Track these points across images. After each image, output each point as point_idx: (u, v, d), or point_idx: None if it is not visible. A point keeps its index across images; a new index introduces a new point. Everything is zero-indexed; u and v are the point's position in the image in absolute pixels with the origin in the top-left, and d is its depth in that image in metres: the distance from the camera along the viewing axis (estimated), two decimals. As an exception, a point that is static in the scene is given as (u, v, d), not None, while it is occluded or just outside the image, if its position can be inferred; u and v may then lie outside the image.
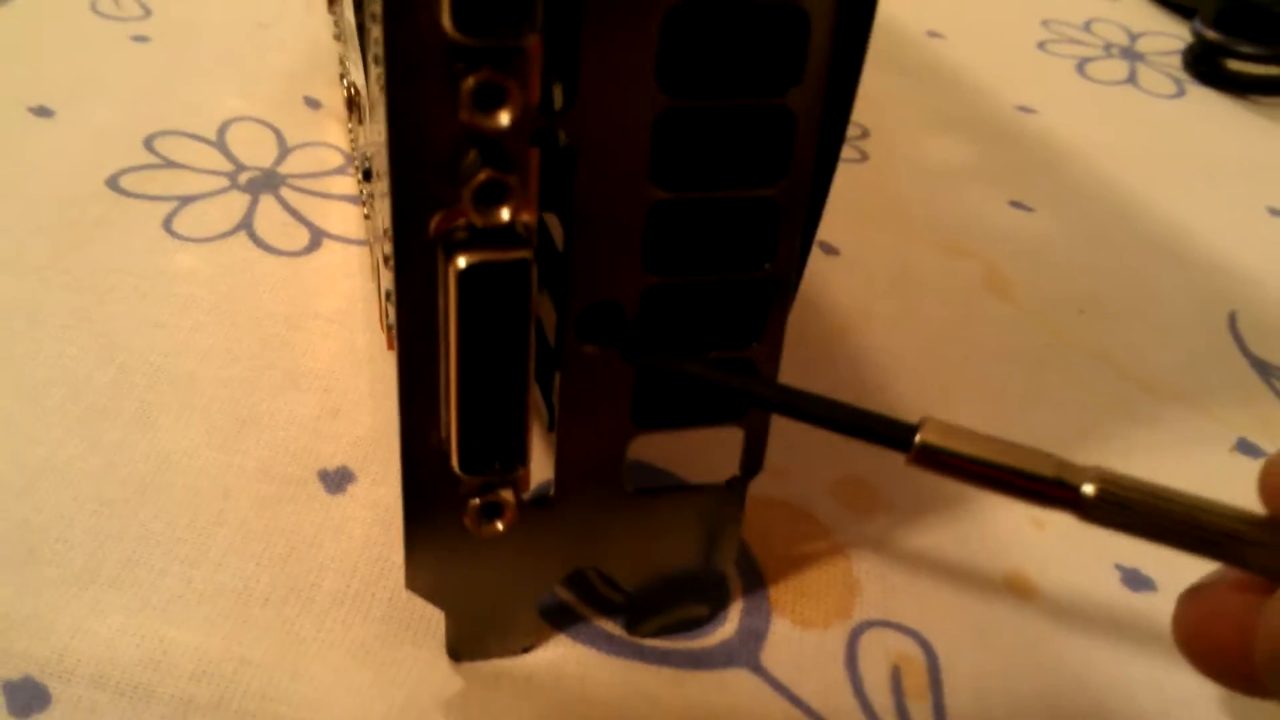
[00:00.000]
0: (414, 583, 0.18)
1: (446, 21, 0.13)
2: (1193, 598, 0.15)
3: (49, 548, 0.20)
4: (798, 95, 0.15)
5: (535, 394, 0.16)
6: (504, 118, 0.14)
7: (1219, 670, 0.15)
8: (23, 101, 0.32)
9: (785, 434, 0.19)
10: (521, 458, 0.16)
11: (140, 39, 0.36)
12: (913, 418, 0.25)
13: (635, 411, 0.17)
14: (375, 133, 0.19)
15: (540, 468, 0.17)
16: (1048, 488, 0.14)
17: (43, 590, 0.19)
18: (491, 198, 0.14)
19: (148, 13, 0.38)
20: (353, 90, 0.24)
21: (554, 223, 0.16)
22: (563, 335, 0.16)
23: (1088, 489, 0.14)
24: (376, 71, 0.16)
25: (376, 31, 0.14)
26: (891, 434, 0.15)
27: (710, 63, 0.15)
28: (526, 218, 0.15)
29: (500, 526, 0.17)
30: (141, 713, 0.17)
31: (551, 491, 0.18)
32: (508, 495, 0.17)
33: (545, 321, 0.17)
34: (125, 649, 0.18)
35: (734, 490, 0.19)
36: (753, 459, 0.18)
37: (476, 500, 0.17)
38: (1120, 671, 0.20)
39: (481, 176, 0.14)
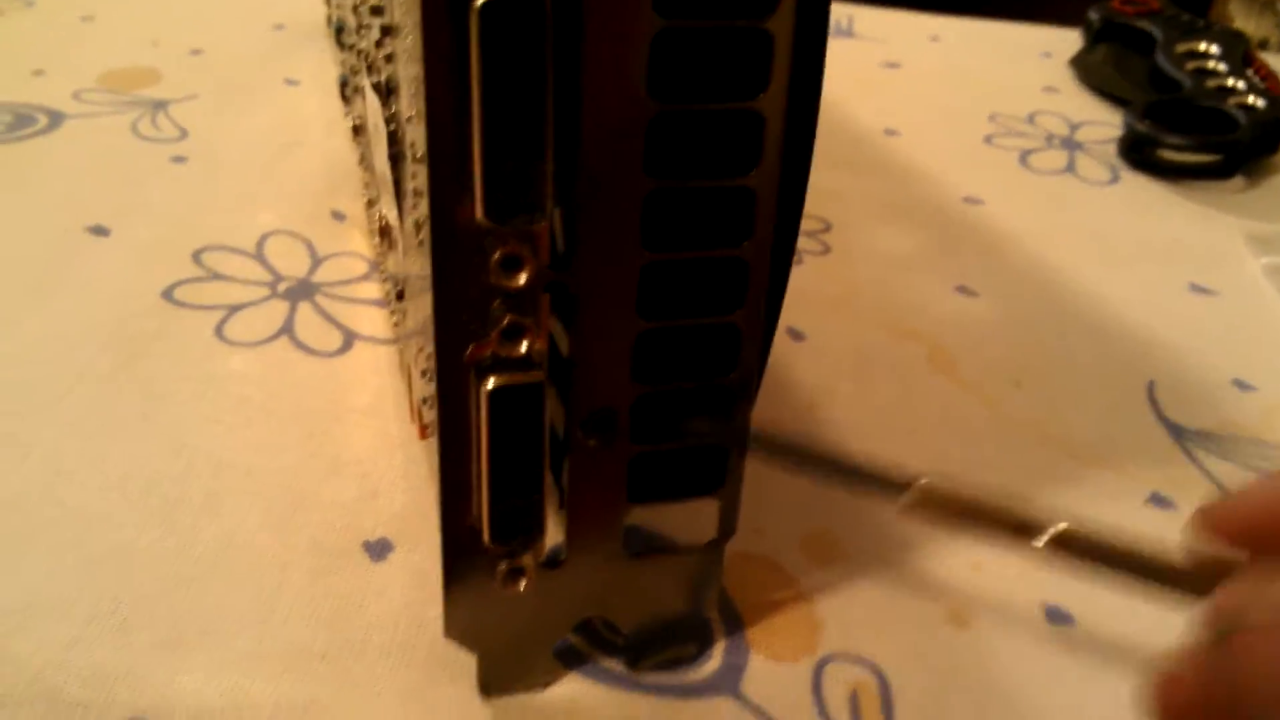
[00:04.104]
0: (451, 631, 0.22)
1: (479, 213, 0.17)
2: (1157, 678, 0.18)
3: (139, 618, 0.23)
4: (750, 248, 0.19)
5: (548, 478, 0.21)
6: (522, 278, 0.18)
7: None
8: (80, 221, 0.36)
9: (758, 496, 0.22)
10: (539, 531, 0.20)
11: (179, 159, 0.41)
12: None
13: (630, 489, 0.21)
14: (410, 264, 0.23)
15: (552, 536, 0.21)
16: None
17: (137, 652, 0.23)
18: (513, 335, 0.19)
19: (184, 134, 0.43)
20: (383, 221, 0.28)
21: (563, 337, 0.21)
22: (570, 432, 0.20)
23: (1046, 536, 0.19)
24: (419, 233, 0.20)
25: (423, 207, 0.18)
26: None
27: (683, 225, 0.19)
28: (539, 346, 0.19)
29: (522, 586, 0.21)
30: (231, 747, 0.21)
31: (563, 556, 0.22)
32: (528, 560, 0.21)
33: (556, 420, 0.21)
34: (211, 697, 0.22)
35: (713, 549, 0.23)
36: (727, 524, 0.22)
37: (503, 565, 0.21)
38: (1043, 692, 0.24)
39: (505, 321, 0.18)
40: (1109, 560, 0.20)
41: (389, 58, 0.24)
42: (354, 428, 0.29)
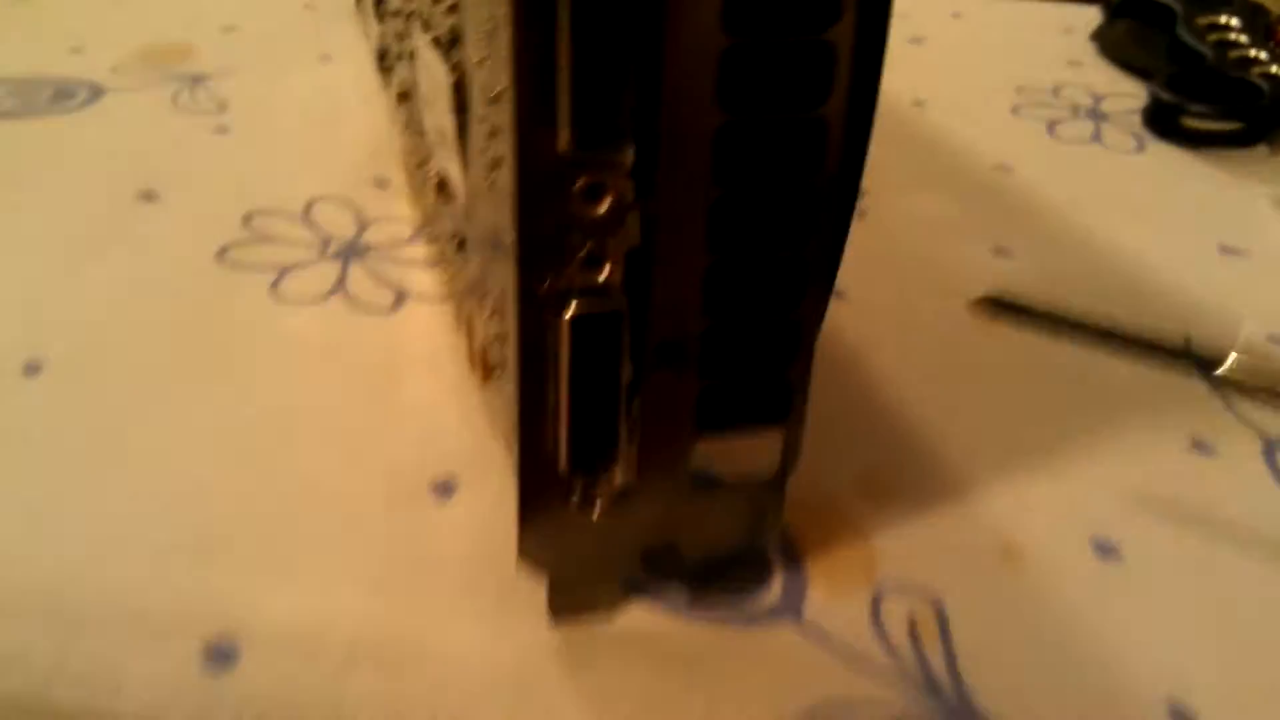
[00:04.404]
0: (524, 556, 0.22)
1: (565, 142, 0.18)
2: None
3: (219, 547, 0.24)
4: (819, 181, 0.20)
5: (621, 408, 0.21)
6: (603, 207, 0.19)
7: None
8: (130, 188, 0.37)
9: (810, 436, 0.23)
10: (614, 459, 0.21)
11: (221, 130, 0.41)
12: (926, 430, 0.30)
13: (698, 420, 0.22)
14: (477, 212, 0.24)
15: (622, 467, 0.22)
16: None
17: (219, 578, 0.23)
18: (593, 264, 0.19)
19: (223, 106, 0.43)
20: (440, 177, 0.29)
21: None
22: (641, 365, 0.21)
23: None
24: (491, 173, 0.21)
25: (501, 146, 0.19)
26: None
27: (748, 164, 0.20)
28: (617, 277, 0.20)
29: (595, 514, 0.22)
30: (315, 663, 0.22)
31: (632, 485, 0.22)
32: (602, 487, 0.22)
33: (627, 351, 0.22)
34: (292, 619, 0.23)
35: (776, 482, 0.23)
36: (791, 456, 0.23)
37: (578, 492, 0.21)
38: (1095, 619, 0.24)
39: (585, 250, 0.19)
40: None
41: (452, 8, 0.24)
42: (413, 378, 0.29)
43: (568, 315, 0.19)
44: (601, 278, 0.19)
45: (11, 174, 0.37)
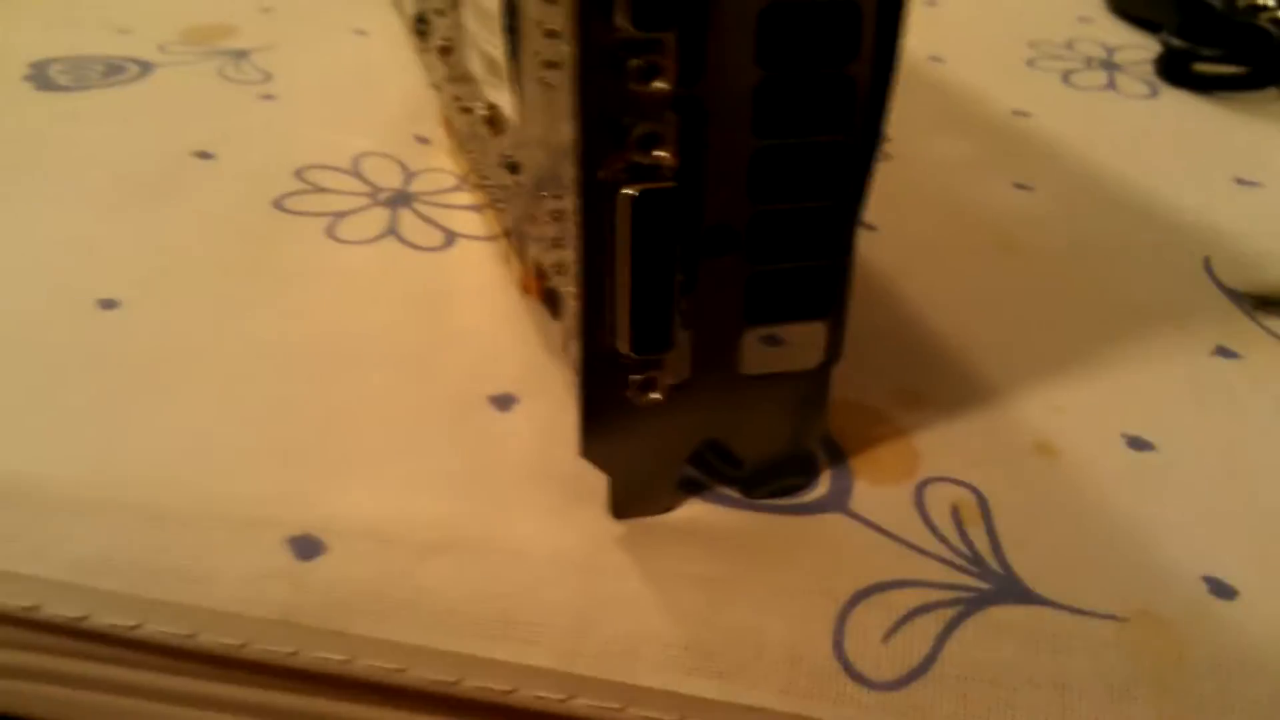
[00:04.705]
0: (587, 451, 0.24)
1: (623, 20, 0.19)
2: None
3: (296, 453, 0.25)
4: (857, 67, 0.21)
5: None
6: (658, 85, 0.20)
7: None
8: (185, 147, 0.39)
9: (851, 352, 0.24)
10: (672, 343, 0.22)
11: (267, 97, 0.43)
12: (958, 346, 0.31)
13: (746, 310, 0.23)
14: (534, 125, 0.25)
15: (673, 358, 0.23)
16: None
17: (299, 479, 0.25)
18: (649, 144, 0.20)
19: (267, 76, 0.45)
20: (489, 112, 0.30)
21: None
22: (692, 251, 0.22)
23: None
24: (545, 72, 0.22)
25: (557, 46, 0.20)
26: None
27: (791, 47, 0.21)
28: (670, 161, 0.21)
29: (656, 395, 0.23)
30: (395, 552, 0.23)
31: (686, 375, 0.24)
32: (658, 377, 0.23)
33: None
34: (369, 515, 0.24)
35: (822, 374, 0.25)
36: (835, 347, 0.24)
37: (639, 378, 0.23)
38: (1131, 504, 0.25)
39: (642, 129, 0.20)
40: None
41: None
42: (466, 305, 0.31)
43: (627, 192, 0.21)
44: (656, 156, 0.20)
45: (71, 138, 0.39)
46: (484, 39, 0.29)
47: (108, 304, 0.30)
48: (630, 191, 0.20)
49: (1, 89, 0.43)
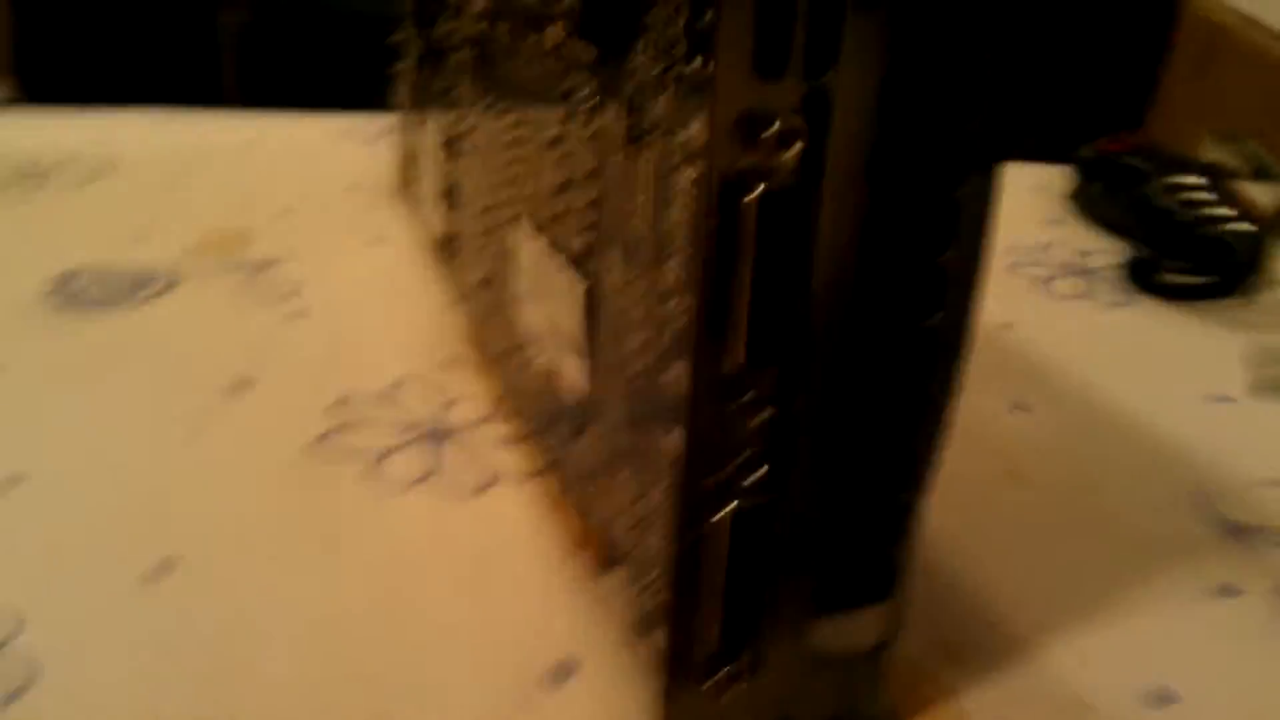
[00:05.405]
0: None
1: (736, 360, 0.21)
2: None
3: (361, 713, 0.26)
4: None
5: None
6: (762, 419, 0.22)
7: None
8: (219, 379, 0.40)
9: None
10: (755, 643, 0.24)
11: (299, 315, 0.45)
12: (986, 596, 0.33)
13: (814, 601, 0.25)
14: (615, 411, 0.27)
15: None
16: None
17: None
18: (750, 469, 0.22)
19: (295, 291, 0.46)
20: (549, 369, 0.32)
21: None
22: (773, 552, 0.24)
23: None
24: (630, 373, 0.24)
25: (658, 357, 0.22)
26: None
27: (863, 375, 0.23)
28: (766, 479, 0.23)
29: (731, 694, 0.24)
30: None
31: (763, 662, 0.25)
32: (738, 670, 0.24)
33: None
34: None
35: (882, 650, 0.26)
36: (894, 629, 0.26)
37: (724, 672, 0.24)
38: None
39: (744, 456, 0.22)
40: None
41: (589, 226, 0.28)
42: (513, 563, 0.32)
43: (727, 511, 0.22)
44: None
45: (107, 363, 0.40)
46: (551, 306, 0.31)
47: (162, 568, 0.30)
48: (729, 509, 0.22)
49: (30, 307, 0.44)
